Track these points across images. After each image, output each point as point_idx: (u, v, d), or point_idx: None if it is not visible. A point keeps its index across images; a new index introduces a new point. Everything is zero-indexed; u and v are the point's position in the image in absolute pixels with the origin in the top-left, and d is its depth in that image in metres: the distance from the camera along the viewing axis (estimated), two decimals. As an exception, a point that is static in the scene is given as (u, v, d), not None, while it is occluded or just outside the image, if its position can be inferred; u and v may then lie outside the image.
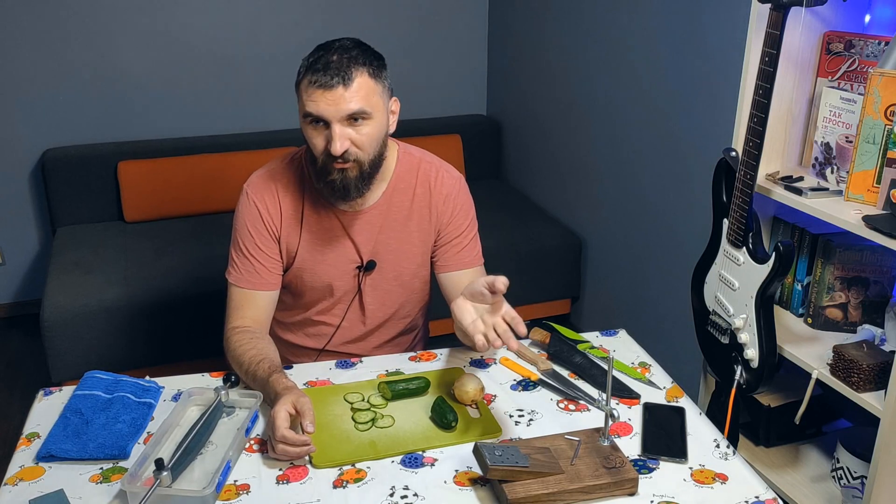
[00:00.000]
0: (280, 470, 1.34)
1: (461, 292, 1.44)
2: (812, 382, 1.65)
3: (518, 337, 1.34)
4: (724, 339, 1.79)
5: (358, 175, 1.56)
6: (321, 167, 1.56)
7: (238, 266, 1.66)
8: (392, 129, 1.63)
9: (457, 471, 1.35)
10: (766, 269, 1.63)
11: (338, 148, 1.49)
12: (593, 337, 1.80)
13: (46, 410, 1.49)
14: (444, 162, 1.76)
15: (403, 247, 1.72)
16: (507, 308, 1.35)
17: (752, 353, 1.69)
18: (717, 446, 1.43)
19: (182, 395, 1.50)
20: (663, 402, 1.56)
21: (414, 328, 1.87)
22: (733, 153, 1.74)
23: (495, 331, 1.34)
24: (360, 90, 1.49)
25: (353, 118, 1.50)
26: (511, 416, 1.50)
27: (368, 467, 1.35)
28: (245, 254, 1.65)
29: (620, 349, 1.76)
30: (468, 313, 1.39)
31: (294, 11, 3.58)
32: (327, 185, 1.57)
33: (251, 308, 1.65)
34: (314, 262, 1.69)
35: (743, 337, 1.71)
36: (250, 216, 1.66)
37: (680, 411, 1.52)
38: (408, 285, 1.76)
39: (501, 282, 1.33)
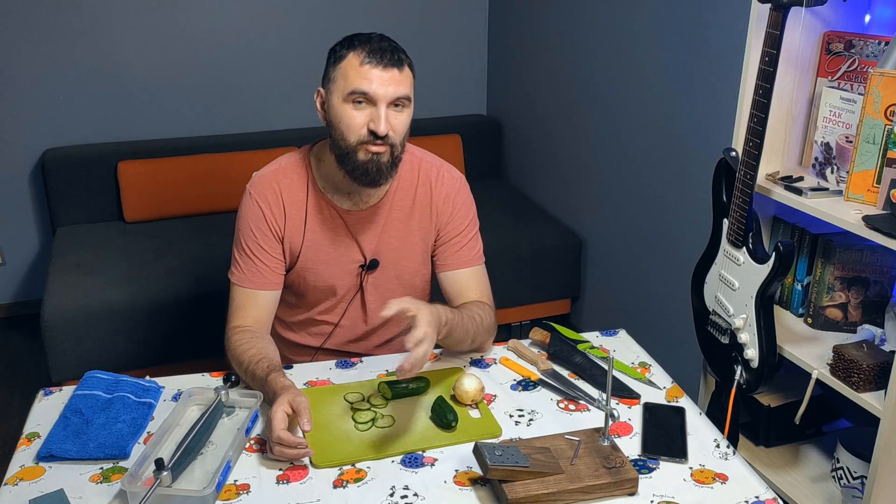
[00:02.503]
0: (280, 470, 1.34)
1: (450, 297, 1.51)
2: (812, 382, 1.65)
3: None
4: (724, 339, 1.79)
5: (389, 160, 1.57)
6: (353, 148, 1.55)
7: (241, 266, 1.66)
8: None
9: (457, 471, 1.35)
10: (766, 269, 1.63)
11: (383, 128, 1.52)
12: (593, 337, 1.80)
13: (46, 410, 1.49)
14: (445, 162, 1.77)
15: (405, 246, 1.72)
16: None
17: (752, 353, 1.69)
18: (717, 446, 1.43)
19: (182, 395, 1.50)
20: (663, 402, 1.56)
21: (415, 328, 1.87)
22: (733, 153, 1.74)
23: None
24: (408, 78, 1.56)
25: (397, 104, 1.54)
26: (511, 416, 1.50)
27: (368, 467, 1.35)
28: (248, 253, 1.65)
29: (620, 349, 1.76)
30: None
31: (294, 12, 3.57)
32: (359, 167, 1.56)
33: (253, 308, 1.65)
34: (317, 262, 1.69)
35: (743, 337, 1.71)
36: (253, 216, 1.66)
37: (680, 411, 1.52)
38: (409, 284, 1.77)
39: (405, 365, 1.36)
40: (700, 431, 1.47)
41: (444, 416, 1.44)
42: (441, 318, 1.48)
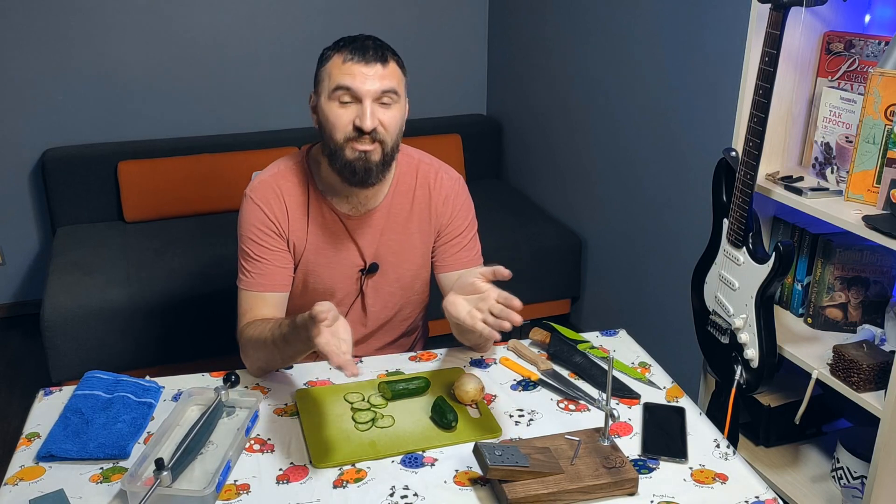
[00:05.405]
0: (280, 470, 1.34)
1: (452, 289, 1.46)
2: (812, 382, 1.65)
3: (514, 312, 1.33)
4: (724, 339, 1.79)
5: (380, 159, 1.56)
6: (341, 146, 1.55)
7: (248, 271, 1.64)
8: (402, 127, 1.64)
9: (457, 471, 1.35)
10: (766, 269, 1.63)
11: (368, 123, 1.51)
12: (593, 337, 1.80)
13: (46, 410, 1.49)
14: (443, 163, 1.76)
15: (404, 249, 1.72)
16: (498, 292, 1.36)
17: (752, 353, 1.69)
18: (717, 446, 1.43)
19: (182, 395, 1.50)
20: (663, 402, 1.56)
21: (414, 329, 1.87)
22: (733, 153, 1.74)
23: (492, 314, 1.34)
24: (394, 73, 1.55)
25: (383, 100, 1.53)
26: (511, 416, 1.50)
27: (368, 467, 1.35)
28: (254, 257, 1.64)
29: (620, 349, 1.76)
30: (461, 307, 1.40)
31: (294, 12, 3.58)
32: (346, 166, 1.55)
33: (263, 309, 1.63)
34: (318, 265, 1.69)
35: (743, 337, 1.71)
36: (256, 218, 1.64)
37: (680, 411, 1.52)
38: (408, 287, 1.76)
39: (502, 271, 1.36)
40: (700, 431, 1.47)
41: (444, 416, 1.44)
42: None
